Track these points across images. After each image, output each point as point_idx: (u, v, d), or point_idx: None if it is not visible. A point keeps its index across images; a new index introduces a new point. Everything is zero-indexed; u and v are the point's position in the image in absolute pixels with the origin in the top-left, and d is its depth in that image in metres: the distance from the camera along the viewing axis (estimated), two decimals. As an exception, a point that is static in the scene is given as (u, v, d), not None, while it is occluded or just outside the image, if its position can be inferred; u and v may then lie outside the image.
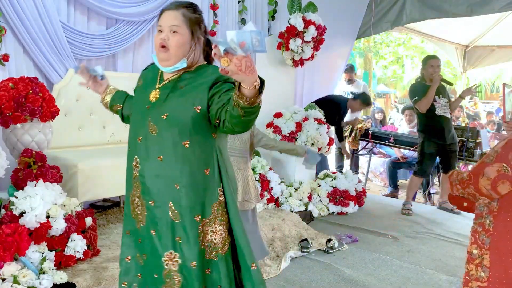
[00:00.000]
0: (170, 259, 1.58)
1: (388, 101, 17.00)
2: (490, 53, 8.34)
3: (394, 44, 13.87)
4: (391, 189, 6.10)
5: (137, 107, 1.67)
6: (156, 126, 1.56)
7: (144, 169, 1.60)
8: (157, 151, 1.57)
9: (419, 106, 4.27)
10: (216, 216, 1.61)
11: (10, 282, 2.08)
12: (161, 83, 1.64)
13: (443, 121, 4.29)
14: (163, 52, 1.58)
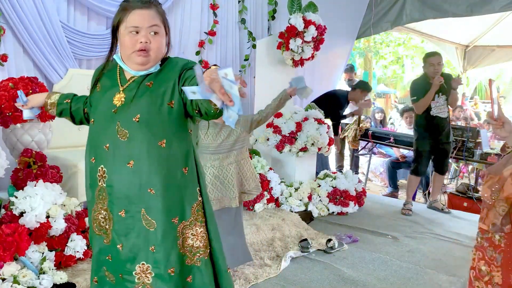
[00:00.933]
0: (142, 271, 1.48)
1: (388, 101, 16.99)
2: (490, 53, 8.35)
3: (394, 44, 13.86)
4: (391, 189, 6.10)
5: (100, 113, 1.53)
6: (127, 131, 1.45)
7: (113, 178, 1.48)
8: (127, 156, 1.46)
9: (416, 107, 4.28)
10: (196, 217, 1.53)
11: (10, 282, 2.08)
12: (124, 84, 1.51)
13: (437, 121, 4.28)
14: (143, 56, 1.44)
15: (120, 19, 1.48)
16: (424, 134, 4.36)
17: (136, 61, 1.47)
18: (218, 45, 4.78)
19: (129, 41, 1.45)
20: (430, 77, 4.22)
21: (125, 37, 1.46)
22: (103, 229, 1.54)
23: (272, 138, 4.28)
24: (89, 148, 1.55)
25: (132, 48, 1.45)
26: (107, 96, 1.52)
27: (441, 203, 4.73)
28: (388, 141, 5.85)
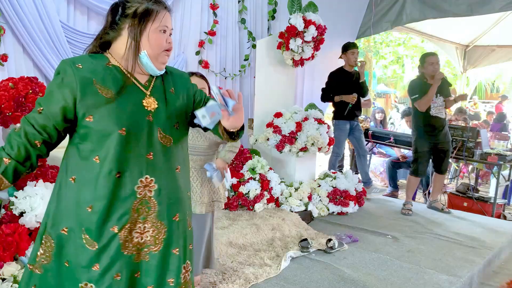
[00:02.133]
0: (186, 270, 1.52)
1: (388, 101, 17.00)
2: (490, 53, 8.36)
3: (394, 44, 13.87)
4: (391, 189, 6.10)
5: (131, 120, 1.38)
6: (171, 137, 1.45)
7: (163, 186, 1.43)
8: (175, 162, 1.48)
9: (418, 105, 4.25)
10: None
11: (10, 282, 2.08)
12: (146, 87, 1.45)
13: (436, 122, 4.29)
14: (166, 56, 1.46)
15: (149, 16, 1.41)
16: (423, 135, 4.36)
17: (163, 61, 1.46)
18: (218, 45, 4.78)
19: (161, 40, 1.43)
20: (430, 75, 4.23)
21: (156, 34, 1.42)
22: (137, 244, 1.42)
23: (272, 138, 4.28)
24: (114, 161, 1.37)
25: (163, 47, 1.44)
26: (132, 100, 1.40)
27: (441, 203, 4.73)
28: (388, 141, 5.85)
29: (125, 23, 1.40)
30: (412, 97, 4.31)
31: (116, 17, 1.41)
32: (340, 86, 4.75)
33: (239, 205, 3.89)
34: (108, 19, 1.43)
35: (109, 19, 1.43)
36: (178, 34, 4.42)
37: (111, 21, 1.42)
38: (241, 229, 3.38)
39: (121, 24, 1.40)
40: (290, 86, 4.87)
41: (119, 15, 1.40)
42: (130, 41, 1.40)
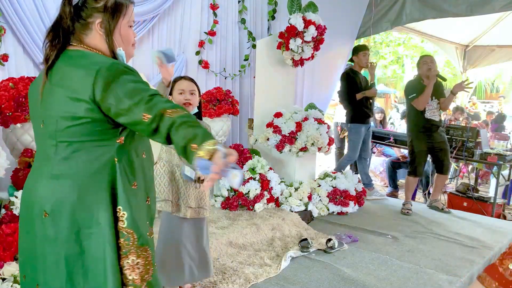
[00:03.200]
0: None
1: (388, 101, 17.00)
2: (490, 53, 8.36)
3: (394, 44, 13.88)
4: (391, 189, 6.10)
5: None
6: None
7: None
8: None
9: (416, 104, 4.29)
10: None
11: (10, 282, 2.09)
12: None
13: (430, 124, 4.32)
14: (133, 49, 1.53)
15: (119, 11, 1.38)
16: (418, 135, 4.39)
17: (132, 54, 1.47)
18: (218, 45, 4.78)
19: (131, 35, 1.45)
20: (425, 75, 4.28)
21: (126, 30, 1.42)
22: None
23: (272, 138, 4.28)
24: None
25: (132, 41, 1.46)
26: None
27: (441, 203, 4.73)
28: (388, 141, 5.85)
29: (93, 17, 1.34)
30: (410, 96, 4.36)
31: (80, 8, 1.33)
32: (355, 87, 4.79)
33: (239, 205, 3.89)
34: (67, 9, 1.32)
35: (68, 9, 1.32)
36: (178, 34, 4.42)
37: (74, 12, 1.33)
38: (241, 229, 3.38)
39: (89, 17, 1.34)
40: (290, 86, 4.87)
41: (85, 8, 1.33)
42: (104, 37, 1.36)
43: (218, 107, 4.14)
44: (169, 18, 4.32)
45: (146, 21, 3.93)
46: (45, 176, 1.32)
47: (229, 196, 3.93)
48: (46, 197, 1.30)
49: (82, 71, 1.27)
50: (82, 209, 1.29)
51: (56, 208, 1.29)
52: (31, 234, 1.35)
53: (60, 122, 1.29)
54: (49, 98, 1.32)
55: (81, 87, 1.25)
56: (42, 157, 1.36)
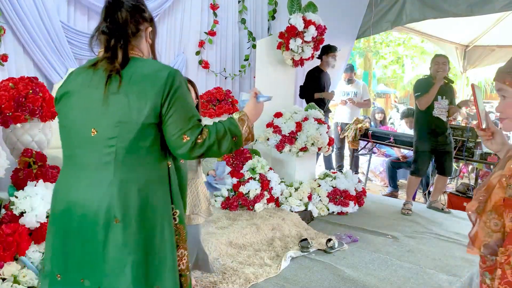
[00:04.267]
0: None
1: (388, 101, 16.99)
2: (490, 53, 8.35)
3: (394, 44, 13.87)
4: (391, 189, 6.10)
5: None
6: None
7: None
8: None
9: (419, 103, 4.28)
10: None
11: (10, 282, 2.09)
12: None
13: (437, 123, 4.31)
14: None
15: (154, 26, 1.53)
16: (424, 135, 4.37)
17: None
18: (218, 45, 4.78)
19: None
20: (434, 75, 4.26)
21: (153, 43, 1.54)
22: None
23: (272, 138, 4.28)
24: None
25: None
26: None
27: (441, 203, 4.73)
28: (388, 141, 5.85)
29: (143, 25, 1.45)
30: (415, 94, 4.36)
31: (138, 18, 1.43)
32: (315, 85, 5.04)
33: (239, 205, 3.90)
34: (124, 15, 1.39)
35: (126, 15, 1.39)
36: (178, 34, 4.42)
37: (130, 19, 1.41)
38: (241, 229, 3.38)
39: (141, 25, 1.44)
40: (290, 86, 4.87)
41: (141, 17, 1.44)
42: (149, 43, 1.50)
43: (218, 107, 4.14)
44: (169, 18, 4.32)
45: (146, 21, 3.94)
46: (104, 183, 1.33)
47: (229, 196, 3.93)
48: (114, 204, 1.32)
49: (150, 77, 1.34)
50: (150, 213, 1.36)
51: (126, 214, 1.33)
52: (91, 242, 1.35)
53: (123, 128, 1.31)
54: (111, 104, 1.33)
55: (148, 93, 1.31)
56: (92, 165, 1.37)
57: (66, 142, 1.45)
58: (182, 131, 1.33)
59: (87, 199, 1.35)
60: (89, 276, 1.37)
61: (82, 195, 1.36)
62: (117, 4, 1.39)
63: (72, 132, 1.41)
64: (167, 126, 1.34)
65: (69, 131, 1.42)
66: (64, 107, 1.44)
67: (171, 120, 1.33)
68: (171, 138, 1.35)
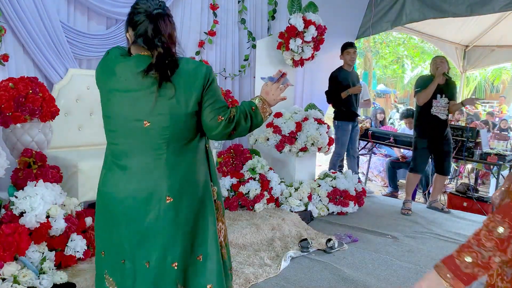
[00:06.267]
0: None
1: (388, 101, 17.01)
2: (490, 53, 8.35)
3: (394, 44, 13.88)
4: (391, 189, 6.10)
5: None
6: None
7: None
8: None
9: (417, 98, 4.35)
10: None
11: (10, 282, 2.08)
12: None
13: (436, 122, 4.32)
14: None
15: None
16: (423, 132, 4.40)
17: None
18: (218, 45, 4.78)
19: None
20: (434, 73, 4.31)
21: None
22: None
23: (272, 138, 4.28)
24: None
25: None
26: None
27: (441, 203, 4.74)
28: (388, 141, 5.85)
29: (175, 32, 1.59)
30: (415, 90, 4.42)
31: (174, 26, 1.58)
32: (338, 86, 4.79)
33: (239, 205, 3.89)
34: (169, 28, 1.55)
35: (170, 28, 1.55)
36: (178, 34, 4.42)
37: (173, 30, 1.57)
38: (241, 229, 3.39)
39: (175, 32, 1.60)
40: (290, 86, 4.86)
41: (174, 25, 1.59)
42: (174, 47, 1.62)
43: (218, 107, 4.14)
44: (169, 18, 4.32)
45: (146, 21, 3.93)
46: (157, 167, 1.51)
47: (229, 196, 3.93)
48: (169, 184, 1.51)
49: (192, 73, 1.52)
50: (197, 190, 1.57)
51: (178, 192, 1.52)
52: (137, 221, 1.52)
53: (173, 118, 1.49)
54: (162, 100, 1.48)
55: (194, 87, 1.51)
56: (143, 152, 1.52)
57: (112, 131, 1.57)
58: (217, 113, 1.54)
59: (140, 182, 1.52)
60: (133, 255, 1.54)
61: (134, 179, 1.53)
62: (161, 16, 1.51)
63: (120, 124, 1.54)
64: (205, 111, 1.54)
65: (115, 122, 1.55)
66: (111, 103, 1.55)
67: (209, 106, 1.54)
68: (208, 121, 1.55)
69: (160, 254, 1.52)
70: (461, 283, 1.16)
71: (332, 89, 4.84)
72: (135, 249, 1.53)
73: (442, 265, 1.25)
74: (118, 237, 1.55)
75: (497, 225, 1.14)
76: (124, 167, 1.54)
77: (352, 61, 4.86)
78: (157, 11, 1.50)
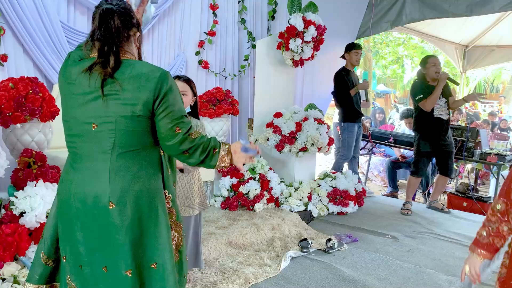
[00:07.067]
0: None
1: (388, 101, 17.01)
2: (489, 53, 8.35)
3: (394, 44, 13.87)
4: (391, 189, 6.10)
5: None
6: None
7: None
8: None
9: (423, 106, 4.23)
10: None
11: (10, 282, 2.09)
12: None
13: (439, 123, 4.29)
14: None
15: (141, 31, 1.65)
16: (426, 135, 4.35)
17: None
18: (218, 45, 4.78)
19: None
20: (432, 77, 4.24)
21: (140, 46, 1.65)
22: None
23: (272, 138, 4.28)
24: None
25: None
26: None
27: (440, 203, 4.73)
28: (388, 141, 5.85)
29: (132, 31, 1.55)
30: (417, 97, 4.28)
31: (128, 24, 1.53)
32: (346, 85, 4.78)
33: (239, 205, 3.90)
34: (117, 23, 1.49)
35: (118, 23, 1.49)
36: (178, 34, 4.42)
37: (122, 26, 1.50)
38: (241, 229, 3.39)
39: (131, 31, 1.54)
40: (290, 86, 4.87)
41: (130, 24, 1.53)
42: (137, 47, 1.58)
43: (218, 107, 4.14)
44: (169, 18, 4.32)
45: (146, 21, 3.93)
46: (102, 171, 1.47)
47: (229, 196, 3.93)
48: (111, 190, 1.46)
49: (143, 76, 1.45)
50: (144, 197, 1.50)
51: (122, 199, 1.47)
52: (90, 226, 1.50)
53: (119, 122, 1.45)
54: (109, 102, 1.45)
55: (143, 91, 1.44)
56: (92, 155, 1.49)
57: (69, 135, 1.57)
58: (175, 123, 1.48)
59: (86, 186, 1.49)
60: (89, 261, 1.51)
61: (82, 183, 1.50)
62: (110, 12, 1.48)
63: (74, 127, 1.53)
64: (159, 119, 1.48)
65: (71, 126, 1.55)
66: (68, 106, 1.55)
67: (163, 114, 1.47)
68: (163, 130, 1.49)
69: (112, 260, 1.49)
70: (484, 250, 1.55)
71: (341, 87, 4.79)
72: (90, 254, 1.51)
73: (471, 244, 1.62)
74: (74, 242, 1.53)
75: (496, 204, 1.52)
76: (77, 170, 1.52)
77: (358, 62, 4.87)
78: (106, 6, 1.49)
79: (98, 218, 1.48)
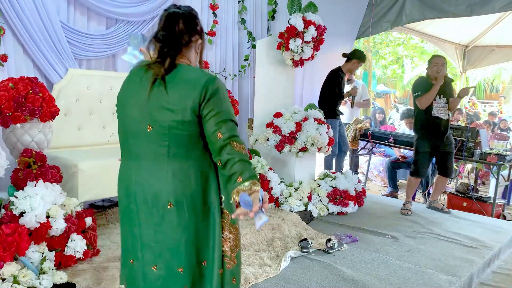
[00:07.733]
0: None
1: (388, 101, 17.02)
2: (489, 53, 8.37)
3: (394, 44, 13.89)
4: (390, 189, 6.10)
5: None
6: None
7: None
8: None
9: (419, 102, 4.27)
10: None
11: (10, 282, 2.09)
12: None
13: (438, 122, 4.30)
14: None
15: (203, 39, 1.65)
16: (425, 135, 4.36)
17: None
18: (218, 45, 4.79)
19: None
20: (433, 76, 4.26)
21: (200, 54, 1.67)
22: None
23: (272, 138, 4.28)
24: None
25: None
26: None
27: (440, 203, 4.73)
28: (388, 141, 5.85)
29: (195, 37, 1.59)
30: (414, 94, 4.34)
31: (191, 30, 1.57)
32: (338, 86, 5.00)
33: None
34: (180, 27, 1.54)
35: (182, 27, 1.54)
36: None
37: (185, 31, 1.55)
38: (241, 229, 3.37)
39: (193, 37, 1.58)
40: (290, 86, 4.87)
41: (194, 30, 1.58)
42: (198, 55, 1.63)
43: (218, 107, 4.15)
44: (169, 18, 4.32)
45: (146, 21, 3.93)
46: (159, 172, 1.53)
47: (229, 196, 3.92)
48: (170, 190, 1.52)
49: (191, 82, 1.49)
50: (199, 198, 1.55)
51: (179, 199, 1.53)
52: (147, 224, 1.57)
53: (172, 126, 1.49)
54: (158, 103, 1.49)
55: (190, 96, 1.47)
56: (149, 155, 1.54)
57: (125, 135, 1.61)
58: (217, 127, 1.48)
59: (145, 185, 1.55)
60: (142, 256, 1.58)
61: (140, 183, 1.56)
62: (176, 16, 1.54)
63: (130, 127, 1.57)
64: (205, 122, 1.50)
65: (127, 125, 1.59)
66: (122, 104, 1.60)
67: (208, 116, 1.48)
68: (208, 135, 1.51)
69: (166, 258, 1.56)
70: None
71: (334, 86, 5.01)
72: (143, 250, 1.58)
73: None
74: (132, 236, 1.61)
75: None
76: (135, 169, 1.58)
77: (354, 72, 5.17)
78: (173, 10, 1.55)
79: (155, 216, 1.55)
